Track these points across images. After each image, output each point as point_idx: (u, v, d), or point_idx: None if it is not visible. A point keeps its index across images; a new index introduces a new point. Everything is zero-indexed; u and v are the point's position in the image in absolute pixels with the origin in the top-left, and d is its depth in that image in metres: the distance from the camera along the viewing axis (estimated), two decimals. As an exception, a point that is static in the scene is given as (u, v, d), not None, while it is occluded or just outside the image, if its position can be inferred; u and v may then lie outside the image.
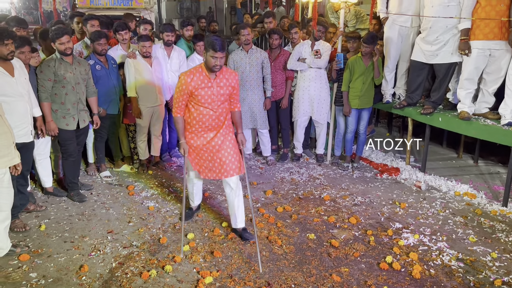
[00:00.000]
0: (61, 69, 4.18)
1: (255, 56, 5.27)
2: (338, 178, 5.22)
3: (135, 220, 4.09)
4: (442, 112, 5.06)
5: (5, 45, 3.44)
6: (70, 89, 4.26)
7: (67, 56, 4.22)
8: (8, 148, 3.14)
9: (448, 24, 4.67)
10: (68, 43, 4.15)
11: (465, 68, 4.68)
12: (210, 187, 4.86)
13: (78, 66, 4.34)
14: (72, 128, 4.36)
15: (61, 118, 4.29)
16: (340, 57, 5.26)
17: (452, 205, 4.50)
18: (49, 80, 4.13)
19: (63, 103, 4.27)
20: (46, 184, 4.56)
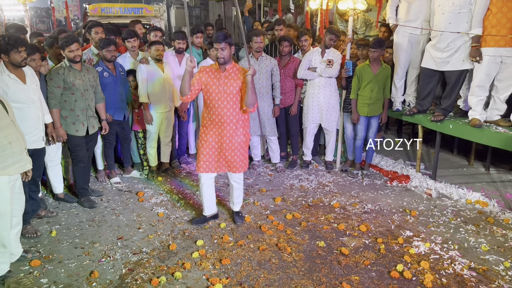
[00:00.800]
0: (70, 76, 4.24)
1: (265, 64, 5.29)
2: (348, 186, 5.19)
3: (144, 227, 4.11)
4: (453, 119, 5.03)
5: (19, 53, 3.50)
6: (79, 96, 4.32)
7: (76, 63, 4.28)
8: (20, 154, 3.18)
9: (459, 30, 4.65)
10: (77, 51, 4.21)
11: (476, 75, 4.65)
12: (219, 193, 4.86)
13: (87, 73, 4.41)
14: (82, 134, 4.41)
15: (71, 125, 4.34)
16: (349, 65, 5.25)
17: (464, 213, 4.45)
18: (58, 87, 4.19)
19: (73, 110, 4.32)
20: (57, 190, 4.60)
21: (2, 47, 3.47)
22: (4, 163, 3.05)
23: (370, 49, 5.05)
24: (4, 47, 3.46)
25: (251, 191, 5.00)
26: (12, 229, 3.33)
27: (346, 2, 5.32)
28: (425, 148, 6.29)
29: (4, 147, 3.03)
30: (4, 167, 3.06)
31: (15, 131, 3.14)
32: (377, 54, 5.03)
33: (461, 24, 4.64)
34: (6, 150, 3.05)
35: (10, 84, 3.54)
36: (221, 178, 5.33)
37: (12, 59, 3.50)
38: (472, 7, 4.55)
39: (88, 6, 10.52)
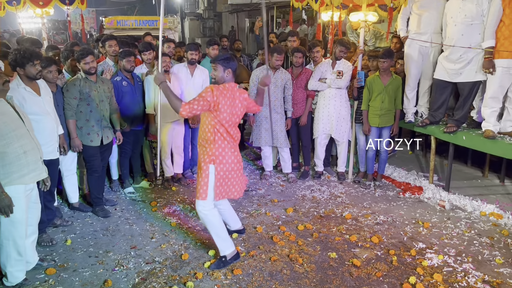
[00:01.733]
0: (86, 88, 4.35)
1: (280, 77, 5.36)
2: (360, 197, 5.18)
3: (157, 236, 4.15)
4: (466, 130, 5.00)
5: (34, 66, 3.59)
6: (95, 107, 4.42)
7: (92, 75, 4.39)
8: (35, 163, 3.26)
9: (472, 42, 4.66)
10: (92, 63, 4.33)
11: (489, 87, 4.63)
12: (232, 203, 4.88)
13: (102, 85, 4.52)
14: (96, 144, 4.49)
15: (86, 135, 4.44)
16: (361, 75, 5.28)
17: (478, 225, 4.41)
18: (75, 99, 4.30)
19: (88, 120, 4.42)
20: (72, 199, 4.68)
21: (17, 60, 3.57)
22: (20, 172, 3.13)
23: (379, 59, 5.08)
24: (20, 60, 3.56)
25: (263, 201, 5.02)
26: (28, 238, 3.41)
27: (357, 14, 5.37)
28: (439, 159, 6.24)
29: (19, 156, 3.12)
30: (20, 176, 3.14)
31: (30, 141, 3.23)
32: (387, 64, 5.05)
33: (473, 35, 4.64)
34: (21, 160, 3.13)
35: (26, 96, 3.64)
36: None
37: (28, 72, 3.60)
38: (484, 18, 4.56)
39: (104, 19, 10.76)
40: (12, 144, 3.07)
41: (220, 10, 23.36)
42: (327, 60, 5.48)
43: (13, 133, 3.07)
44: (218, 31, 23.01)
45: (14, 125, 3.10)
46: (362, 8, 5.23)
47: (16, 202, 3.12)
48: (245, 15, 20.78)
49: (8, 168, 3.09)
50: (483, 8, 4.53)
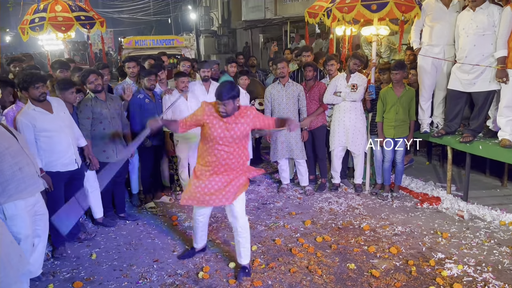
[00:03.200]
0: (98, 107, 4.56)
1: (291, 89, 5.49)
2: (378, 208, 5.21)
3: (179, 249, 4.25)
4: (482, 140, 5.01)
5: (36, 88, 3.79)
6: (107, 124, 4.62)
7: (99, 93, 4.58)
8: (32, 178, 3.40)
9: (485, 52, 4.70)
10: (96, 81, 4.51)
11: (503, 96, 4.66)
12: (250, 217, 4.98)
13: (112, 102, 4.72)
14: (113, 160, 4.56)
15: (102, 152, 4.63)
16: (371, 88, 5.37)
17: (498, 235, 4.39)
18: (88, 119, 4.51)
19: (102, 138, 4.61)
20: (96, 215, 4.84)
21: (20, 85, 3.79)
22: (17, 188, 3.27)
23: (392, 71, 5.16)
24: (22, 84, 3.78)
25: (281, 214, 5.09)
26: (36, 248, 3.54)
27: (370, 28, 5.47)
28: (456, 169, 6.23)
29: (15, 173, 3.26)
30: (18, 192, 3.28)
31: (25, 157, 3.37)
32: (399, 76, 5.13)
33: (485, 46, 4.69)
34: (17, 176, 3.27)
35: (36, 116, 3.82)
36: (251, 201, 5.46)
37: (31, 94, 3.79)
38: (496, 29, 4.61)
39: (123, 39, 11.10)
40: (6, 161, 3.21)
41: (234, 27, 23.78)
42: (342, 73, 5.58)
43: (6, 151, 3.21)
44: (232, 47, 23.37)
45: (7, 143, 3.24)
46: (374, 22, 5.32)
47: (19, 218, 3.27)
48: (259, 31, 21.10)
49: (6, 185, 3.22)
50: (494, 19, 4.59)
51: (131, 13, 36.37)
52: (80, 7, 6.46)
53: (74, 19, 6.15)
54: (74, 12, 6.22)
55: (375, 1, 4.97)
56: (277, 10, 18.68)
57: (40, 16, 6.08)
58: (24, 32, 6.22)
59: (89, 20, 6.34)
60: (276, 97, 5.51)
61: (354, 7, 5.05)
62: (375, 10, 4.98)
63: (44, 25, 6.00)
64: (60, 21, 6.06)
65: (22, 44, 25.54)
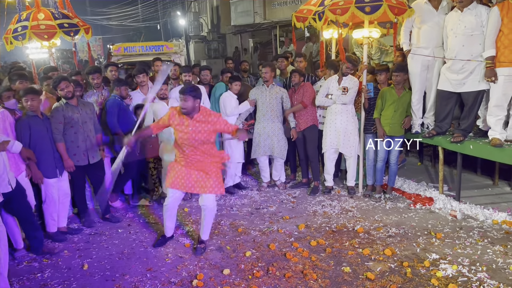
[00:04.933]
0: (69, 112, 4.63)
1: (274, 91, 5.70)
2: (371, 210, 5.20)
3: (172, 258, 4.20)
4: (473, 139, 5.03)
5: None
6: (78, 128, 4.70)
7: (70, 99, 4.64)
8: None
9: (473, 52, 4.74)
10: (67, 88, 4.58)
11: (493, 95, 4.69)
12: (243, 222, 4.95)
13: (83, 107, 4.81)
14: (83, 163, 4.78)
15: (72, 156, 4.70)
16: (370, 86, 5.43)
17: (491, 234, 4.40)
18: (60, 123, 4.57)
19: (73, 142, 4.69)
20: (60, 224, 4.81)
21: None
22: None
23: (393, 73, 5.26)
24: None
25: (275, 218, 5.06)
26: None
27: (361, 30, 5.49)
28: (448, 169, 6.25)
29: None
30: None
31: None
32: (400, 78, 5.21)
33: (474, 46, 4.73)
34: None
35: None
36: (245, 206, 5.43)
37: None
38: (484, 29, 4.64)
39: (111, 46, 11.03)
40: None
41: (224, 32, 23.77)
42: (334, 76, 5.62)
43: None
44: (222, 52, 23.34)
45: None
46: (365, 25, 5.35)
47: None
48: (249, 35, 21.13)
49: None
50: (482, 19, 4.62)
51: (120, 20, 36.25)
52: (64, 14, 6.40)
53: (57, 27, 6.11)
54: (57, 19, 6.18)
55: (369, 3, 5.01)
56: (266, 14, 18.72)
57: (23, 25, 6.04)
58: (8, 41, 6.15)
59: (73, 27, 6.28)
60: (260, 97, 5.73)
61: (348, 9, 5.07)
62: (369, 12, 5.02)
63: (27, 34, 5.94)
64: (42, 29, 6.00)
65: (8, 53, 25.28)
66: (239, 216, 5.17)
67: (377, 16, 5.03)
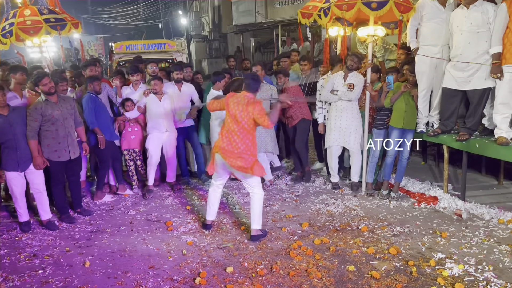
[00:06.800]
0: (48, 109, 4.66)
1: (265, 89, 5.78)
2: (375, 209, 5.16)
3: (174, 255, 4.16)
4: (479, 138, 4.98)
5: None
6: (59, 125, 4.75)
7: (51, 95, 4.70)
8: None
9: (479, 50, 4.69)
10: (49, 83, 4.65)
11: (499, 93, 4.64)
12: (246, 220, 4.90)
13: (64, 103, 4.85)
14: (65, 159, 4.85)
15: (53, 152, 4.76)
16: (390, 79, 5.18)
17: (497, 233, 4.36)
18: (35, 121, 4.61)
19: (54, 138, 4.74)
20: (43, 217, 4.90)
21: None
22: None
23: (409, 73, 5.27)
24: None
25: (278, 217, 5.02)
26: None
27: (367, 28, 5.44)
28: (452, 169, 6.20)
29: None
30: None
31: None
32: (414, 78, 5.25)
33: (480, 43, 4.68)
34: None
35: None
36: (247, 205, 5.39)
37: None
38: (490, 26, 4.60)
39: (113, 44, 11.00)
40: None
41: (225, 31, 23.71)
42: (340, 72, 5.58)
43: None
44: (224, 51, 23.31)
45: None
46: (370, 23, 5.30)
47: None
48: (250, 35, 21.07)
49: None
50: (488, 16, 4.58)
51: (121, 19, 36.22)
52: (51, 10, 6.38)
53: (43, 21, 6.04)
54: (43, 15, 6.15)
55: None
56: (268, 14, 18.65)
57: (10, 22, 6.02)
58: None
59: (60, 21, 6.23)
60: None
61: (354, 4, 5.05)
62: (375, 8, 5.00)
63: (13, 31, 5.90)
64: (28, 25, 5.96)
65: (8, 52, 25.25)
66: (242, 215, 5.13)
67: (383, 12, 5.01)
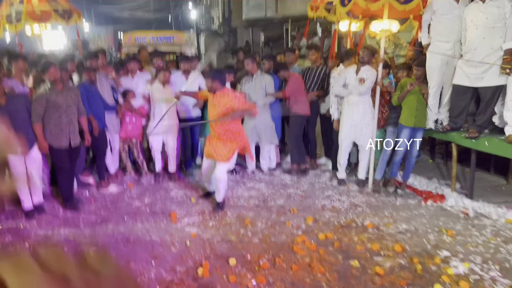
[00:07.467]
0: (53, 96, 4.75)
1: (259, 80, 6.02)
2: (381, 206, 5.11)
3: (178, 247, 4.15)
4: (488, 136, 4.91)
5: None
6: (63, 112, 4.82)
7: (57, 84, 4.77)
8: None
9: (494, 45, 4.61)
10: (56, 72, 4.74)
11: (509, 89, 4.56)
12: (250, 214, 4.88)
13: (68, 91, 4.92)
14: (65, 146, 4.90)
15: (56, 139, 4.83)
16: (391, 78, 5.41)
17: (504, 232, 4.29)
18: (41, 106, 4.70)
19: (57, 125, 4.81)
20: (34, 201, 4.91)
21: None
22: None
23: (415, 66, 5.19)
24: None
25: (282, 211, 4.99)
26: None
27: (382, 22, 5.35)
28: (460, 168, 6.11)
29: None
30: None
31: None
32: (420, 72, 5.16)
33: (495, 38, 4.60)
34: None
35: None
36: (252, 199, 5.36)
37: None
38: (507, 21, 4.51)
39: (122, 33, 11.00)
40: None
41: (235, 25, 23.63)
42: (353, 66, 5.56)
43: None
44: (233, 45, 23.24)
45: None
46: (384, 17, 5.24)
47: None
48: (260, 29, 20.97)
49: None
50: (505, 11, 4.50)
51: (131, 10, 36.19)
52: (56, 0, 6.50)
53: (52, 11, 6.21)
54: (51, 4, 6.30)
55: None
56: (278, 8, 18.51)
57: (18, 10, 6.12)
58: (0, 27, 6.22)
59: (66, 12, 6.40)
60: (247, 87, 6.10)
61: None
62: (403, 2, 5.00)
63: (22, 18, 6.00)
64: (38, 15, 6.11)
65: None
66: (246, 208, 5.10)
67: (411, 7, 5.02)
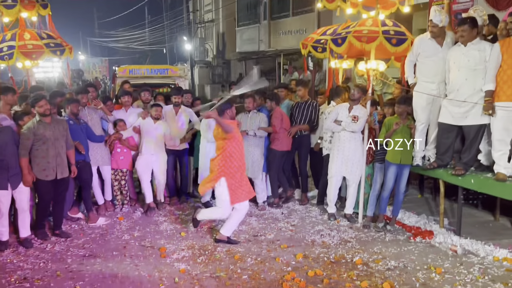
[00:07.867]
0: (41, 129, 4.83)
1: (254, 116, 6.18)
2: (370, 241, 5.13)
3: (166, 283, 4.12)
4: (474, 173, 5.00)
5: None
6: (50, 145, 4.91)
7: (46, 117, 4.86)
8: None
9: (476, 87, 4.77)
10: (45, 105, 4.83)
11: (494, 130, 4.69)
12: (240, 249, 4.86)
13: (57, 125, 5.01)
14: (51, 178, 4.96)
15: (42, 171, 4.90)
16: (375, 116, 5.56)
17: (491, 271, 4.32)
18: (28, 140, 4.78)
19: (44, 157, 4.88)
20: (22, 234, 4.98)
21: None
22: None
23: (396, 104, 5.36)
24: None
25: (272, 246, 4.99)
26: None
27: (370, 62, 5.53)
28: (449, 203, 6.18)
29: None
30: None
31: None
32: (401, 109, 5.31)
33: (477, 80, 4.77)
34: None
35: None
36: (242, 233, 5.35)
37: None
38: (487, 64, 4.69)
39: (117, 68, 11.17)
40: None
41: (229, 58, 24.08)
42: (345, 103, 5.72)
43: None
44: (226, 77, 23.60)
45: None
46: (371, 57, 5.43)
47: None
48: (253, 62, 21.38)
49: None
50: (486, 54, 4.68)
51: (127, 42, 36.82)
52: (49, 34, 6.54)
53: (44, 46, 6.23)
54: (43, 39, 6.32)
55: (396, 36, 5.25)
56: (271, 42, 18.99)
57: (9, 45, 6.12)
58: None
59: (59, 46, 6.43)
60: (243, 122, 6.14)
61: (376, 38, 5.22)
62: (395, 44, 5.25)
63: (14, 54, 6.04)
64: (30, 49, 6.12)
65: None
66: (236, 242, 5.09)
67: (402, 48, 5.27)
